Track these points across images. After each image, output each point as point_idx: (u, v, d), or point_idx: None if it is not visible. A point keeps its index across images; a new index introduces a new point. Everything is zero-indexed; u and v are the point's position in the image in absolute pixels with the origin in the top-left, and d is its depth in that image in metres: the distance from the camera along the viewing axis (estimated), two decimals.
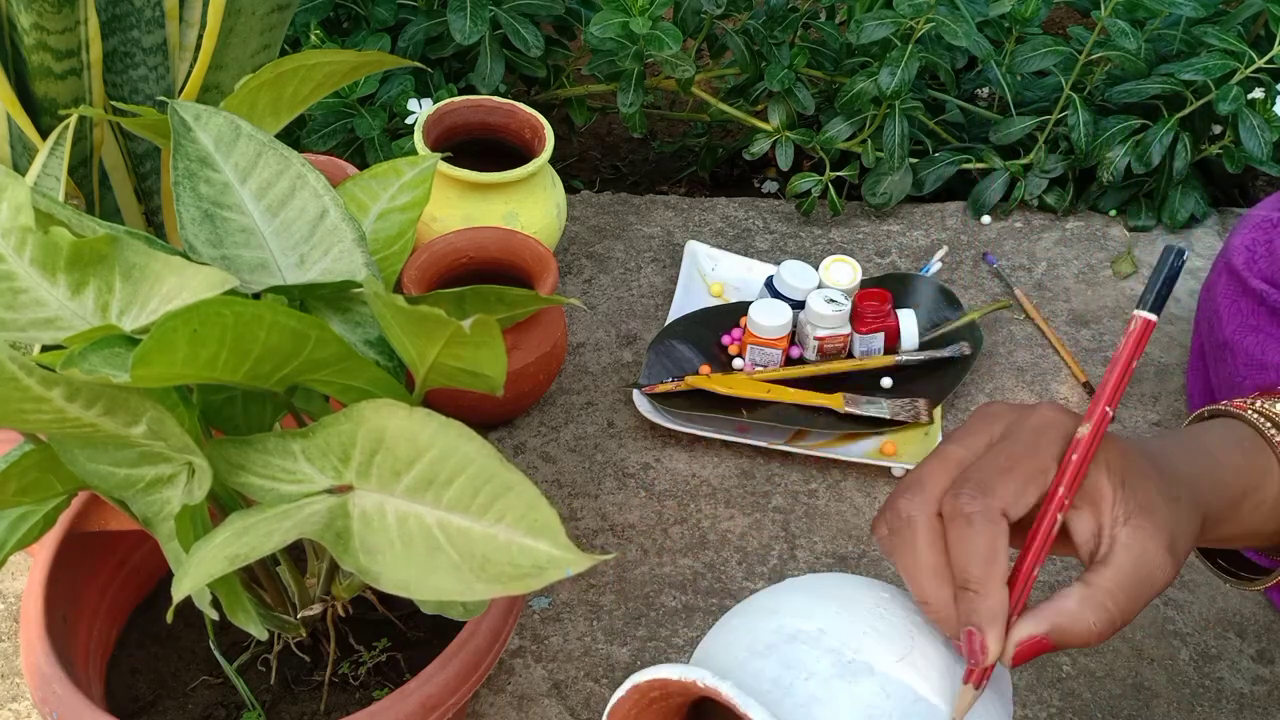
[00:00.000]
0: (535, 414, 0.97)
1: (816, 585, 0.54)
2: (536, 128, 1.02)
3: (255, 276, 0.55)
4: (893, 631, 0.50)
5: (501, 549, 0.45)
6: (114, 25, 0.68)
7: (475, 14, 1.12)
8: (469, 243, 0.93)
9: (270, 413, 0.57)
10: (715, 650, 0.52)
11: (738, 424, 0.95)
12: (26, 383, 0.42)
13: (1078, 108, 1.15)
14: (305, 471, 0.50)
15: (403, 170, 0.62)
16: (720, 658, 0.51)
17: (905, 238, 1.18)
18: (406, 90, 1.14)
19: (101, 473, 0.51)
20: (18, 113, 0.66)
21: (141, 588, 0.72)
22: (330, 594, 0.63)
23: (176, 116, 0.55)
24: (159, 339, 0.43)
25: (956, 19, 1.10)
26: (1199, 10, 1.15)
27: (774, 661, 0.49)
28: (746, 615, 0.53)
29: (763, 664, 0.49)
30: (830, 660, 0.48)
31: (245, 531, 0.47)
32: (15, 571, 0.84)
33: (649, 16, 1.09)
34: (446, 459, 0.47)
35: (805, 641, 0.49)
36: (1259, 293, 0.89)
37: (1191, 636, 0.83)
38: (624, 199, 1.22)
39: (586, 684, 0.78)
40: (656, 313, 1.08)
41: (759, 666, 0.49)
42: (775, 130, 1.18)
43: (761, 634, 0.50)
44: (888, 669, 0.48)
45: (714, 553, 0.87)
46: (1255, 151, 1.11)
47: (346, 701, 0.65)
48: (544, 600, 0.83)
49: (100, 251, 0.50)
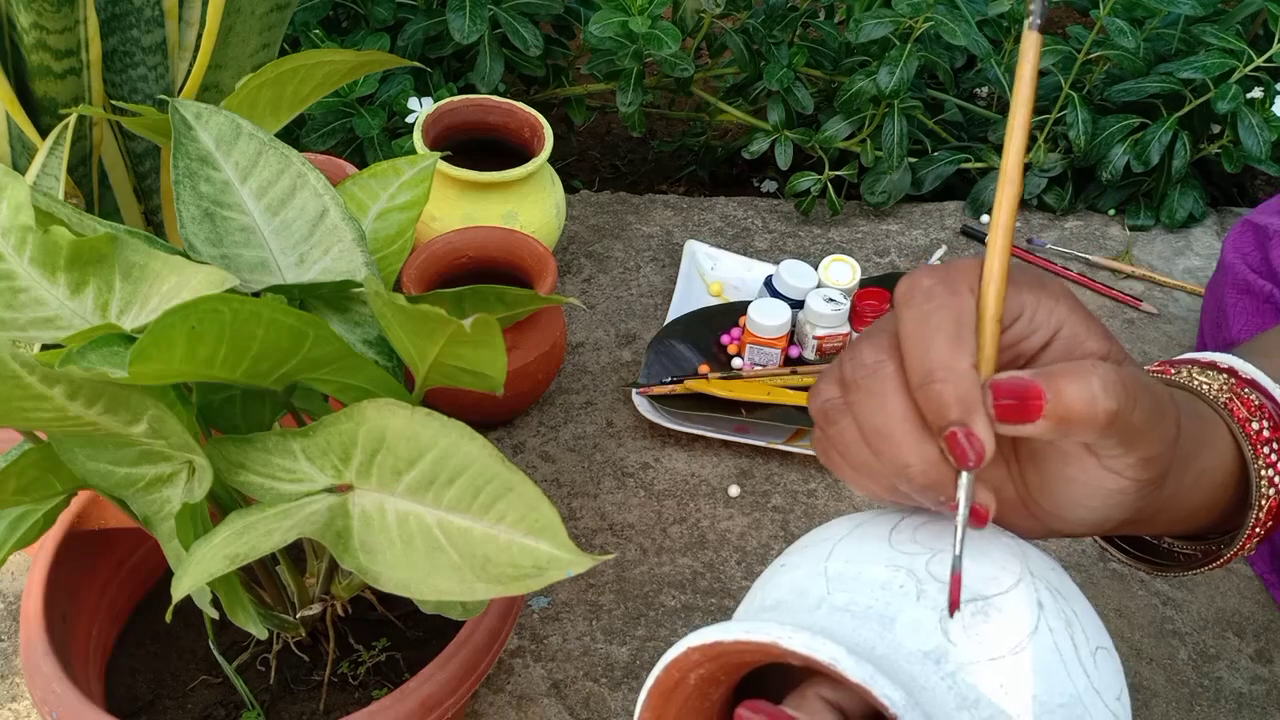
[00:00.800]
0: (534, 413, 0.97)
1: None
2: (536, 127, 1.02)
3: (255, 276, 0.55)
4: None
5: (502, 549, 0.45)
6: (113, 25, 0.68)
7: (474, 13, 1.12)
8: (468, 242, 0.93)
9: (269, 412, 0.57)
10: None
11: (736, 424, 0.95)
12: (28, 380, 0.42)
13: (1077, 107, 1.15)
14: (305, 471, 0.50)
15: (402, 169, 0.62)
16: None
17: (904, 237, 1.18)
18: (406, 89, 1.14)
19: (101, 471, 0.51)
20: (17, 112, 0.66)
21: (141, 587, 0.72)
22: (329, 593, 0.63)
23: (177, 115, 0.55)
24: (157, 336, 0.43)
25: (955, 18, 1.10)
26: (1198, 9, 1.15)
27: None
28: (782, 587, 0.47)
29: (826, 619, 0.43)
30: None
31: (245, 531, 0.47)
32: (15, 571, 0.84)
33: (648, 16, 1.09)
34: (448, 459, 0.47)
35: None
36: (1265, 292, 0.89)
37: (1190, 636, 0.83)
38: (623, 198, 1.22)
39: (586, 684, 0.78)
40: (656, 312, 1.08)
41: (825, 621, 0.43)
42: (774, 129, 1.18)
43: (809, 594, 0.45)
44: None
45: (713, 552, 0.87)
46: (1254, 150, 1.11)
47: (346, 701, 0.65)
48: (543, 600, 0.83)
49: (100, 251, 0.50)
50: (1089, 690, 0.43)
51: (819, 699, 0.42)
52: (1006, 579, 0.44)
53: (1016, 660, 0.42)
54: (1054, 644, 0.43)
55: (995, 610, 0.43)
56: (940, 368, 0.40)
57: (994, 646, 0.42)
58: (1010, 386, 0.40)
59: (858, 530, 0.47)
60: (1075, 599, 0.46)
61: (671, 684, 0.44)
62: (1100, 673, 0.44)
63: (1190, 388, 0.51)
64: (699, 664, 0.43)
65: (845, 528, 0.48)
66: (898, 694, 0.37)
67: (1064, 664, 0.43)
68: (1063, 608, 0.44)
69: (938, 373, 0.40)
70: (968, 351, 0.40)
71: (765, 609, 0.47)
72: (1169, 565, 0.55)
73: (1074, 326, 0.43)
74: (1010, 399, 0.40)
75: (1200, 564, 0.54)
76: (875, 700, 0.37)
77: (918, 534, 0.46)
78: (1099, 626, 0.46)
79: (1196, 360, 0.54)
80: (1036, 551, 0.47)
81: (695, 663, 0.42)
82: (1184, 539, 0.55)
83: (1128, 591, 0.85)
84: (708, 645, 0.41)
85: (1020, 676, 0.42)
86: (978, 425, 0.39)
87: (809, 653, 0.38)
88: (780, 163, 1.18)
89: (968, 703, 0.40)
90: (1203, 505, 0.50)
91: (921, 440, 0.41)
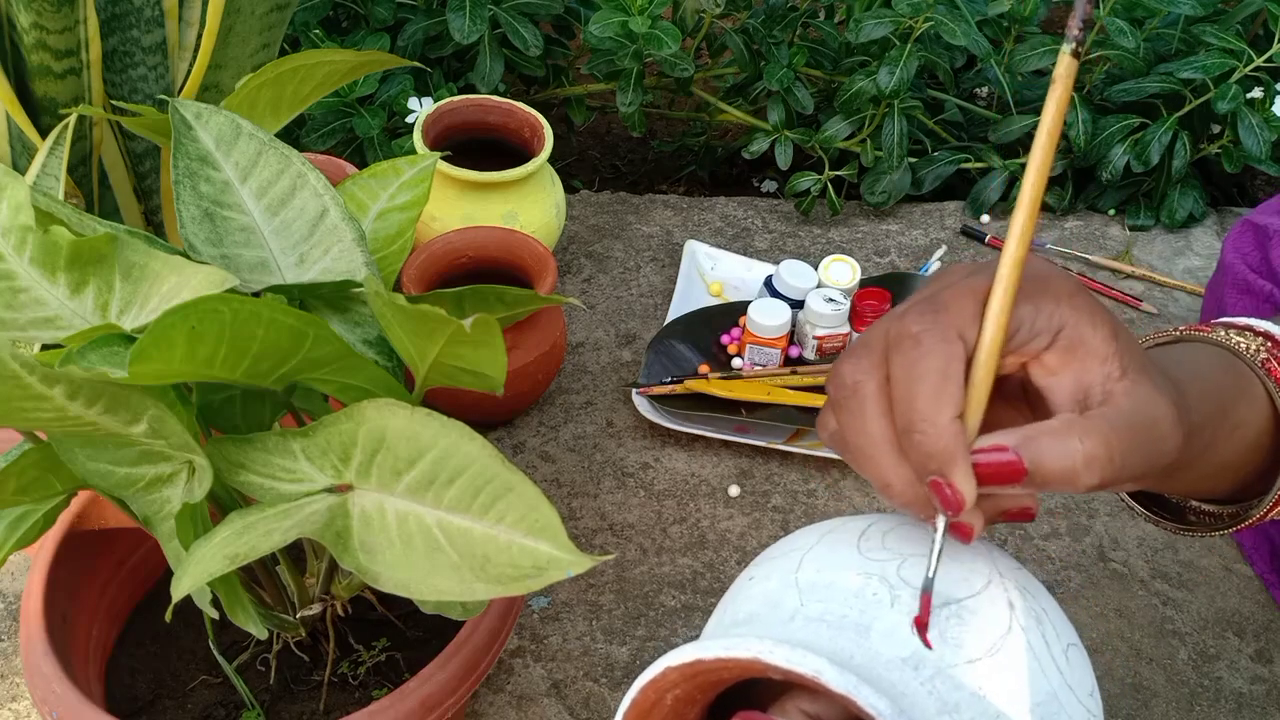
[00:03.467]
0: (534, 413, 0.97)
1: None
2: (536, 127, 1.02)
3: (255, 276, 0.55)
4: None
5: (502, 549, 0.45)
6: (113, 25, 0.68)
7: (474, 13, 1.12)
8: (468, 242, 0.93)
9: (270, 412, 0.57)
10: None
11: (736, 424, 0.95)
12: (28, 380, 0.42)
13: (1076, 107, 1.15)
14: (305, 470, 0.50)
15: (402, 169, 0.62)
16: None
17: (904, 237, 1.18)
18: (406, 89, 1.14)
19: (101, 471, 0.51)
20: (17, 112, 0.66)
21: (141, 587, 0.72)
22: (329, 593, 0.63)
23: (177, 115, 0.55)
24: (156, 336, 0.43)
25: (955, 18, 1.10)
26: (1198, 9, 1.15)
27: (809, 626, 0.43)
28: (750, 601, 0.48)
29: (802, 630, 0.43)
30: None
31: (245, 530, 0.47)
32: (15, 571, 0.84)
33: (648, 16, 1.09)
34: (448, 459, 0.47)
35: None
36: (1265, 291, 0.89)
37: (1190, 636, 0.83)
38: (623, 198, 1.22)
39: (586, 683, 0.78)
40: (655, 312, 1.08)
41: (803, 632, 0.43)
42: (774, 129, 1.18)
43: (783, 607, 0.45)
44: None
45: (713, 552, 0.87)
46: (1254, 150, 1.11)
47: (346, 701, 0.65)
48: (543, 600, 0.83)
49: (100, 251, 0.50)
50: (1063, 687, 0.43)
51: (800, 713, 0.42)
52: (977, 581, 0.44)
53: (993, 661, 0.42)
54: (1027, 643, 0.43)
55: (969, 613, 0.43)
56: (921, 420, 0.40)
57: (970, 649, 0.42)
58: (990, 462, 0.40)
59: (826, 539, 0.47)
60: (1043, 597, 0.46)
61: (648, 704, 0.44)
62: (1072, 669, 0.44)
63: (1229, 346, 0.51)
64: (676, 684, 0.42)
65: (813, 537, 0.48)
66: (883, 703, 0.37)
67: (1039, 662, 0.43)
68: (1032, 606, 0.44)
69: (919, 424, 0.40)
70: (952, 404, 0.40)
71: (738, 623, 0.46)
72: (1194, 525, 0.55)
73: (1076, 327, 0.43)
74: (991, 468, 0.40)
75: (1226, 524, 0.54)
76: (860, 710, 0.37)
77: (886, 540, 0.46)
78: (1067, 624, 0.46)
79: (1232, 324, 0.53)
80: (1001, 551, 0.47)
81: (673, 682, 0.42)
82: (1211, 502, 0.55)
83: (1128, 591, 0.85)
84: (686, 664, 0.41)
85: (998, 678, 0.42)
86: (957, 478, 0.40)
87: (791, 666, 0.38)
88: (780, 163, 1.18)
89: (949, 707, 0.40)
90: (1235, 460, 0.50)
91: (899, 462, 0.41)
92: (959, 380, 0.40)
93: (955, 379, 0.40)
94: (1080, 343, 0.42)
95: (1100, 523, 0.90)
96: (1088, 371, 0.42)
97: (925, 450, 0.40)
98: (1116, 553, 0.88)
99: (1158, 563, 0.87)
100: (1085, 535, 0.89)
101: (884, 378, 0.42)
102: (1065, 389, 0.43)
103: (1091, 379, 0.42)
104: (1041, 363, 0.43)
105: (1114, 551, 0.88)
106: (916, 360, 0.40)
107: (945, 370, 0.40)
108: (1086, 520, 0.90)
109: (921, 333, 0.40)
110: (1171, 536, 0.89)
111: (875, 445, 0.41)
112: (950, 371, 0.40)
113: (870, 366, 0.42)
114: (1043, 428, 0.40)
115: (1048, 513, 0.91)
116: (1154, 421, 0.41)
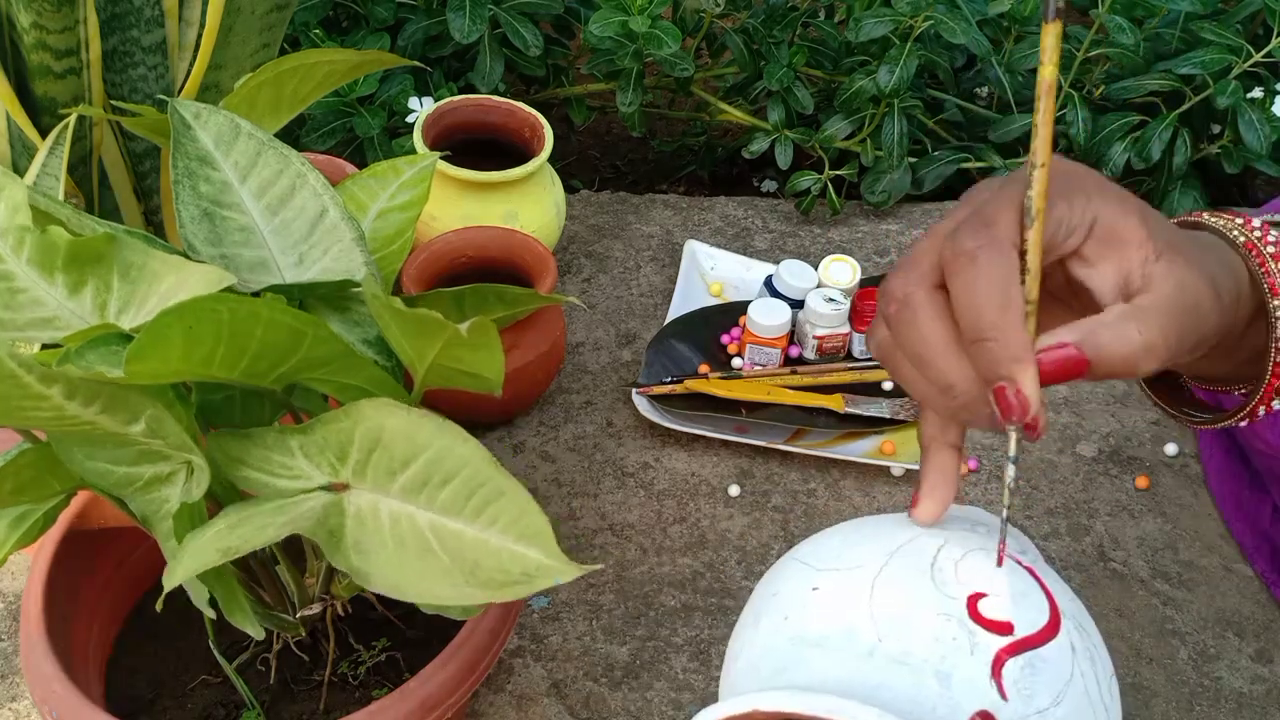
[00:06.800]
0: (534, 413, 0.97)
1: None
2: (536, 127, 1.02)
3: (254, 275, 0.55)
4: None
5: (492, 554, 0.45)
6: (113, 24, 0.68)
7: (474, 13, 1.12)
8: (468, 242, 0.93)
9: (269, 412, 0.57)
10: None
11: (737, 424, 0.95)
12: (26, 380, 0.43)
13: (1076, 105, 1.15)
14: (302, 467, 0.50)
15: (402, 169, 0.62)
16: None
17: (904, 237, 1.18)
18: (406, 89, 1.14)
19: (100, 471, 0.51)
20: (17, 112, 0.66)
21: (141, 587, 0.72)
22: (329, 593, 0.63)
23: (176, 115, 0.55)
24: (154, 335, 0.43)
25: (955, 17, 1.10)
26: (1197, 6, 1.15)
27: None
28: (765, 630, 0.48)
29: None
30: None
31: (239, 524, 0.47)
32: (15, 571, 0.84)
33: (648, 15, 1.09)
34: (443, 460, 0.47)
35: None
36: None
37: (1190, 636, 0.83)
38: (623, 198, 1.22)
39: (586, 683, 0.78)
40: (656, 312, 1.08)
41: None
42: (774, 129, 1.18)
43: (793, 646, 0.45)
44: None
45: (713, 552, 0.87)
46: (1255, 145, 1.11)
47: (346, 701, 0.65)
48: (543, 600, 0.83)
49: (98, 250, 0.50)
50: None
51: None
52: (1043, 620, 0.45)
53: (1058, 711, 0.43)
54: (1085, 689, 0.44)
55: (1041, 662, 0.44)
56: (991, 328, 0.41)
57: (1040, 700, 0.43)
58: (1055, 359, 0.42)
59: (896, 559, 0.47)
60: (1091, 629, 0.48)
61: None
62: (1114, 703, 0.46)
63: (1214, 228, 0.53)
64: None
65: (879, 553, 0.48)
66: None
67: (1091, 706, 0.44)
68: (1088, 645, 0.46)
69: (989, 333, 0.42)
70: (1018, 312, 0.42)
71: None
72: (1210, 417, 0.57)
73: (1109, 217, 0.45)
74: (1056, 364, 0.42)
75: (1230, 415, 0.55)
76: None
77: (959, 571, 0.46)
78: (1106, 655, 0.48)
79: (1223, 214, 0.55)
80: (1055, 578, 0.48)
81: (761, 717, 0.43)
82: (1208, 384, 0.57)
83: (1128, 591, 0.85)
84: (770, 714, 0.41)
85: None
86: (1026, 382, 0.41)
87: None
88: (780, 162, 1.18)
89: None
90: (1237, 342, 0.51)
91: (962, 362, 0.43)
92: (1020, 290, 0.42)
93: (1017, 288, 0.42)
94: (1114, 232, 0.44)
95: (1100, 523, 0.90)
96: (1126, 259, 0.44)
97: (995, 357, 0.41)
98: (1116, 552, 0.88)
99: (1158, 562, 0.87)
100: (1085, 535, 0.89)
101: (933, 286, 0.44)
102: (1107, 279, 0.44)
103: (1130, 265, 0.44)
104: (1081, 256, 0.45)
105: (1114, 551, 0.88)
106: (977, 275, 0.42)
107: (1007, 281, 0.42)
108: (1086, 520, 0.90)
109: (978, 249, 0.42)
110: (1171, 536, 0.89)
111: (934, 348, 0.43)
112: (1010, 283, 0.42)
113: (919, 277, 0.44)
114: (1099, 321, 0.43)
115: (1048, 512, 0.91)
116: (1197, 301, 0.43)
